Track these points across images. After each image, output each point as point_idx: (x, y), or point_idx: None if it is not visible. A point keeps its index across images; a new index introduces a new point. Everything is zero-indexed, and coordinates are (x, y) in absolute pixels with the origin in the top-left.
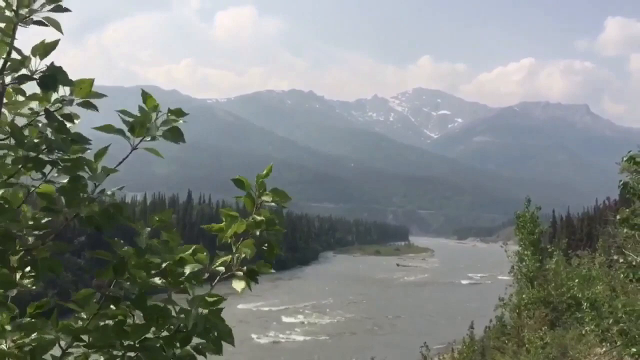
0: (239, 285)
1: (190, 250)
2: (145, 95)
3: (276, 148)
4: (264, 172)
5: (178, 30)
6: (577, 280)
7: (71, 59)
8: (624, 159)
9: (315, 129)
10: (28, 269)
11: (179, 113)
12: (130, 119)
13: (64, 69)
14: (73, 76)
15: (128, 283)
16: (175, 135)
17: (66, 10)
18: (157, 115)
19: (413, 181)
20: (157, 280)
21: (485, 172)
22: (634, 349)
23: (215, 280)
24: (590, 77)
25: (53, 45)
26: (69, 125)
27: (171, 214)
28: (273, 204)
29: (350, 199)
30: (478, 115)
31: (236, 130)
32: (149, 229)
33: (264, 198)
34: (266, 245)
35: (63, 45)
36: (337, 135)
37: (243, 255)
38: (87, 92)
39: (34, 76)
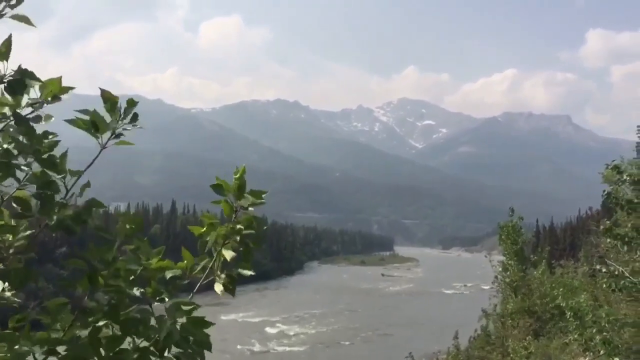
0: (219, 288)
1: (162, 254)
2: (104, 92)
3: (261, 158)
4: (237, 174)
5: (163, 39)
6: (561, 290)
7: (56, 68)
8: (608, 167)
9: (300, 139)
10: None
11: (131, 102)
12: (87, 117)
13: (47, 77)
14: None
15: (101, 294)
16: (134, 119)
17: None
18: (120, 113)
19: (398, 191)
20: (135, 290)
21: (469, 182)
22: (616, 359)
23: (196, 287)
24: (573, 88)
25: (9, 43)
26: (41, 124)
27: (142, 220)
28: (251, 208)
29: (335, 209)
30: (462, 125)
31: (221, 139)
32: (121, 237)
33: (241, 202)
34: (243, 249)
35: (48, 54)
36: (322, 145)
37: (223, 260)
38: (57, 89)
39: (3, 81)
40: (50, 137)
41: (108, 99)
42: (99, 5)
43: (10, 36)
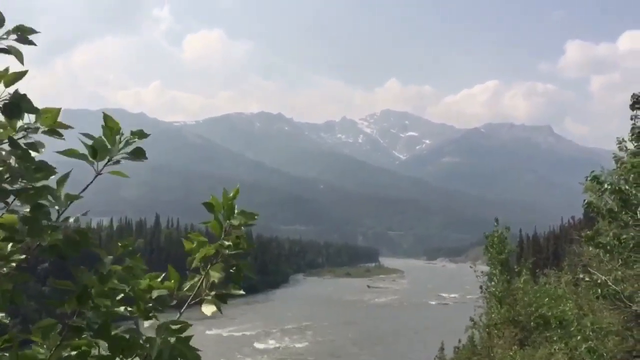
0: (208, 309)
1: (161, 278)
2: (107, 118)
3: (245, 170)
4: (231, 194)
5: (146, 53)
6: (547, 299)
7: (37, 82)
8: (588, 178)
9: (284, 151)
10: None
11: (141, 135)
12: (91, 142)
13: (30, 91)
14: (39, 98)
15: (91, 312)
16: (138, 154)
17: (31, 43)
18: (120, 137)
19: (382, 202)
20: (122, 308)
21: (453, 192)
22: None
23: (184, 307)
24: (553, 98)
25: (20, 75)
26: (33, 153)
27: (134, 240)
28: (242, 228)
29: (320, 221)
30: (445, 136)
31: (205, 153)
32: (111, 257)
33: (233, 222)
34: (234, 268)
35: (29, 68)
36: (306, 157)
37: (212, 280)
38: (52, 121)
39: None
40: (46, 172)
41: (109, 124)
42: (82, 19)
43: (25, 72)
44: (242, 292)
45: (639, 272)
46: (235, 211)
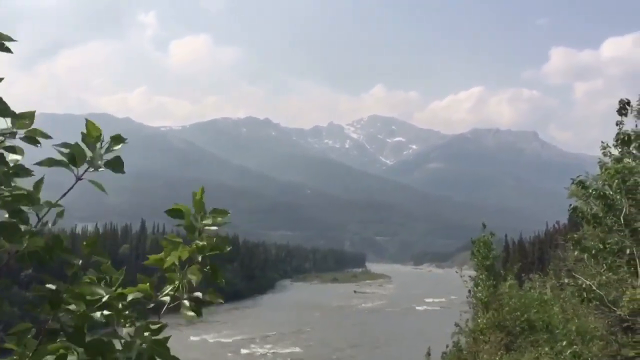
0: (187, 313)
1: (122, 274)
2: (89, 124)
3: (232, 176)
4: (197, 195)
5: (132, 58)
6: (536, 303)
7: (21, 87)
8: (573, 182)
9: (271, 157)
10: None
11: (118, 139)
12: (67, 150)
13: (13, 96)
14: (23, 103)
15: (65, 315)
16: (116, 165)
17: (7, 50)
18: (100, 144)
19: (369, 208)
20: (97, 314)
21: (439, 198)
22: None
23: (162, 310)
24: (538, 104)
25: None
26: (13, 157)
27: (96, 240)
28: (214, 227)
29: (306, 226)
30: (432, 142)
31: (191, 158)
32: (80, 261)
33: (205, 222)
34: (209, 268)
35: (13, 73)
36: (293, 163)
37: (190, 281)
38: (29, 126)
39: None
40: (25, 175)
41: (91, 131)
42: (66, 23)
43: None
44: (220, 300)
45: (623, 277)
46: (206, 211)
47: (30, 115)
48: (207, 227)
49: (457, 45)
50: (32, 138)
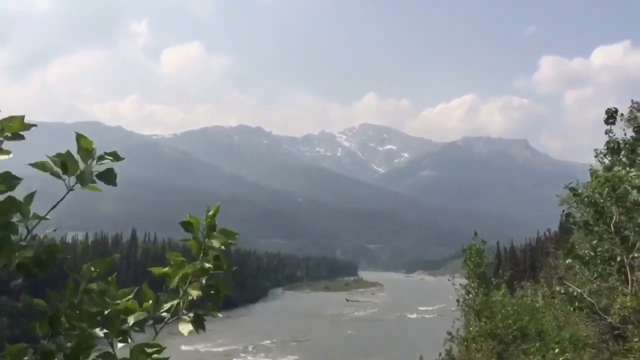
0: (185, 328)
1: (132, 294)
2: (79, 137)
3: (223, 184)
4: (211, 212)
5: (124, 66)
6: (529, 311)
7: (12, 95)
8: (567, 186)
9: (263, 165)
10: None
11: (115, 157)
12: (59, 160)
13: (4, 104)
14: (14, 111)
15: (62, 336)
16: (108, 177)
17: None
18: (92, 156)
19: (361, 216)
20: (99, 331)
21: (431, 206)
22: None
23: (161, 326)
24: (529, 112)
25: None
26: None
27: (110, 263)
28: (222, 246)
29: (298, 234)
30: (423, 150)
31: (182, 166)
32: (84, 281)
33: (213, 241)
34: (213, 288)
35: (3, 82)
36: (285, 171)
37: (190, 298)
38: (17, 130)
39: None
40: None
41: (82, 143)
42: (57, 32)
43: None
44: (220, 314)
45: (613, 285)
46: (216, 230)
47: (17, 120)
48: (212, 248)
49: (449, 53)
50: (18, 135)
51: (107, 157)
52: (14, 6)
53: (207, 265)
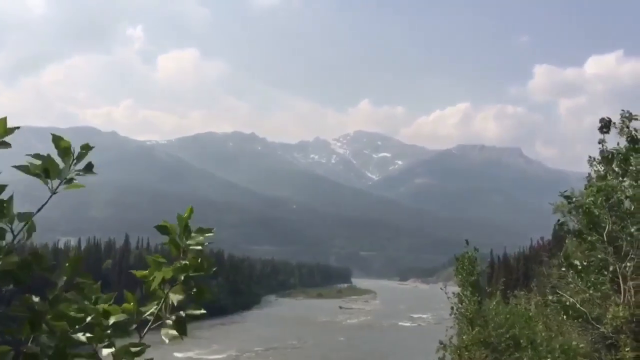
0: (167, 333)
1: (112, 299)
2: (56, 139)
3: (217, 190)
4: (185, 213)
5: (118, 72)
6: (524, 319)
7: (5, 100)
8: (562, 194)
9: (257, 171)
10: None
11: (86, 147)
12: (39, 162)
13: None
14: (7, 118)
15: (45, 337)
16: (86, 170)
17: None
18: (72, 156)
19: (355, 223)
20: (81, 335)
21: (425, 213)
22: None
23: (145, 331)
24: (523, 121)
25: None
26: None
27: (81, 258)
28: (198, 246)
29: (292, 241)
30: (417, 157)
31: (176, 172)
32: (64, 278)
33: (189, 242)
34: (195, 290)
35: None
36: (279, 177)
37: (172, 302)
38: (1, 132)
39: None
40: None
41: (60, 143)
42: (52, 37)
43: None
44: (203, 311)
45: (606, 294)
46: (191, 230)
47: (1, 123)
48: (191, 247)
49: (443, 61)
50: (5, 143)
51: (82, 150)
52: (8, 10)
53: (185, 262)
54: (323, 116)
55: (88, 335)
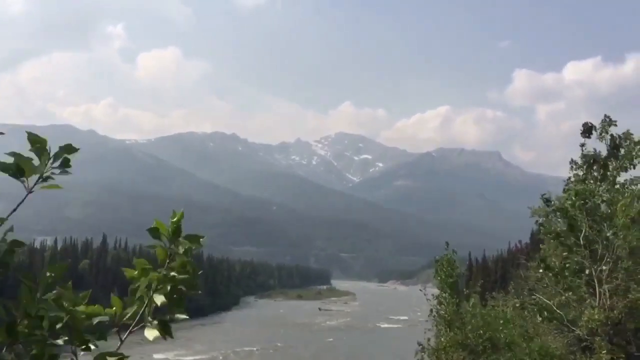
0: (151, 333)
1: (87, 299)
2: (31, 137)
3: (197, 191)
4: (175, 218)
5: (99, 70)
6: (501, 321)
7: None
8: (542, 197)
9: (237, 172)
10: None
11: (69, 149)
12: (12, 160)
13: None
14: None
15: (20, 346)
16: (63, 165)
17: None
18: (48, 155)
19: (335, 224)
20: (59, 340)
21: (405, 215)
22: None
23: (126, 334)
24: (502, 125)
25: None
26: None
27: (66, 266)
28: (187, 254)
29: (272, 242)
30: (398, 160)
31: (156, 172)
32: (41, 287)
33: (178, 248)
34: (178, 294)
35: None
36: (259, 179)
37: (154, 305)
38: None
39: None
40: None
41: (35, 141)
42: (30, 34)
43: None
44: (185, 316)
45: (582, 297)
46: (181, 235)
47: None
48: (178, 253)
49: (424, 64)
50: None
51: (64, 151)
52: None
53: (172, 273)
54: (305, 117)
55: (65, 338)
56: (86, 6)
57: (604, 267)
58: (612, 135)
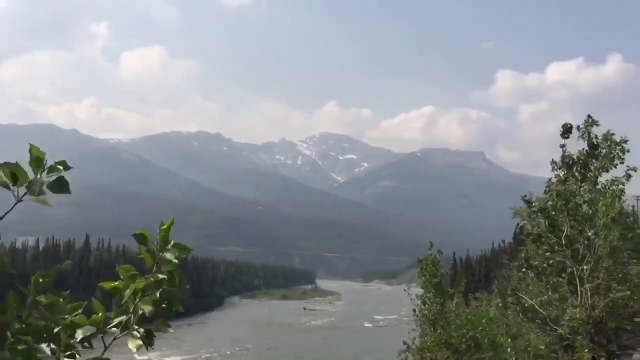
0: (134, 344)
1: (81, 309)
2: (32, 149)
3: (182, 191)
4: (165, 225)
5: (82, 68)
6: (484, 320)
7: None
8: (523, 198)
9: (222, 172)
10: None
11: (64, 165)
12: (7, 170)
13: None
14: None
15: (7, 352)
16: (60, 187)
17: None
18: (44, 167)
19: (320, 224)
20: (45, 346)
21: (390, 215)
22: None
23: (110, 342)
24: (486, 125)
25: None
26: None
27: (56, 273)
28: (175, 260)
29: (257, 242)
30: (383, 160)
31: (140, 172)
32: (32, 294)
33: (167, 255)
34: (166, 302)
35: None
36: (244, 178)
37: (141, 312)
38: None
39: None
40: None
41: (34, 153)
42: (10, 31)
43: None
44: (171, 330)
45: (564, 296)
46: (170, 244)
47: None
48: (165, 262)
49: (409, 64)
50: None
51: (58, 166)
52: None
53: (161, 276)
54: (289, 117)
55: (52, 346)
56: (68, 4)
57: (585, 267)
58: (589, 135)
